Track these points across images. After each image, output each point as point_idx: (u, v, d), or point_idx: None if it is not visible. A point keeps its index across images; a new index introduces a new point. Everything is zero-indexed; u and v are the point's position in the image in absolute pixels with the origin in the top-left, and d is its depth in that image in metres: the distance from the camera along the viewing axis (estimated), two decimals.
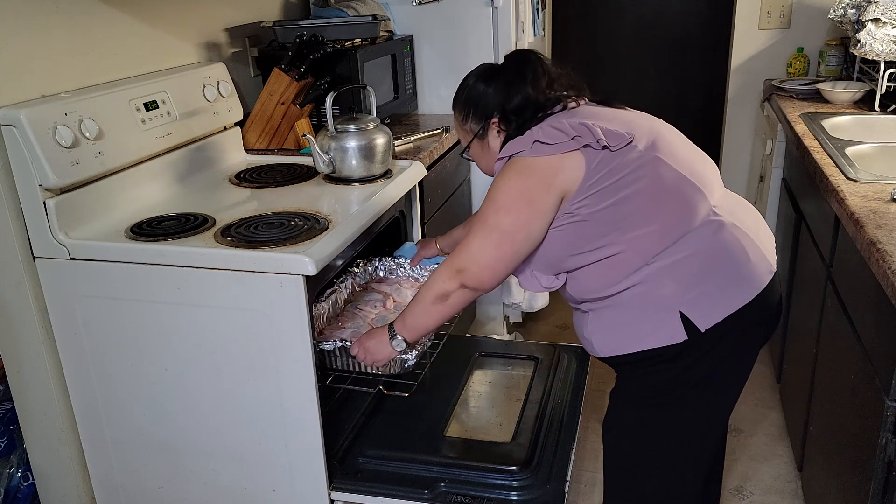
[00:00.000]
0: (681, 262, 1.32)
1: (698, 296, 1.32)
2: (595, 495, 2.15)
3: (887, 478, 1.35)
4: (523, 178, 1.33)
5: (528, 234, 1.34)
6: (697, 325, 1.31)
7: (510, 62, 1.47)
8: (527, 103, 1.41)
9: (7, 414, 1.78)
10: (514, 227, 1.33)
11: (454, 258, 1.39)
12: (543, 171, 1.32)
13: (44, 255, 1.57)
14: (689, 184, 1.34)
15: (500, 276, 1.37)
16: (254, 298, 1.47)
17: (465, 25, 2.64)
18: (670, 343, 1.33)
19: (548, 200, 1.32)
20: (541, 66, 1.46)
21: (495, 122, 1.44)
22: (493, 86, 1.44)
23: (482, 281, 1.38)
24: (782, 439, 2.35)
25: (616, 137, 1.32)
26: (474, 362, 1.97)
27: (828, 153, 2.00)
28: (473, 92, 1.47)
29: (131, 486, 1.75)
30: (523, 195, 1.32)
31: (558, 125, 1.34)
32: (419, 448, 1.63)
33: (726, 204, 1.41)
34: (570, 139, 1.31)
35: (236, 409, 1.58)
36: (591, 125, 1.32)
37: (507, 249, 1.34)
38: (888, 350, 1.32)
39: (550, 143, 1.31)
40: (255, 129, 2.21)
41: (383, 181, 1.90)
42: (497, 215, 1.34)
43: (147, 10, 1.92)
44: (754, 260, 1.35)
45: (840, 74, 3.00)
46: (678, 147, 1.40)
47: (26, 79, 1.58)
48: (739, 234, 1.35)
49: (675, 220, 1.32)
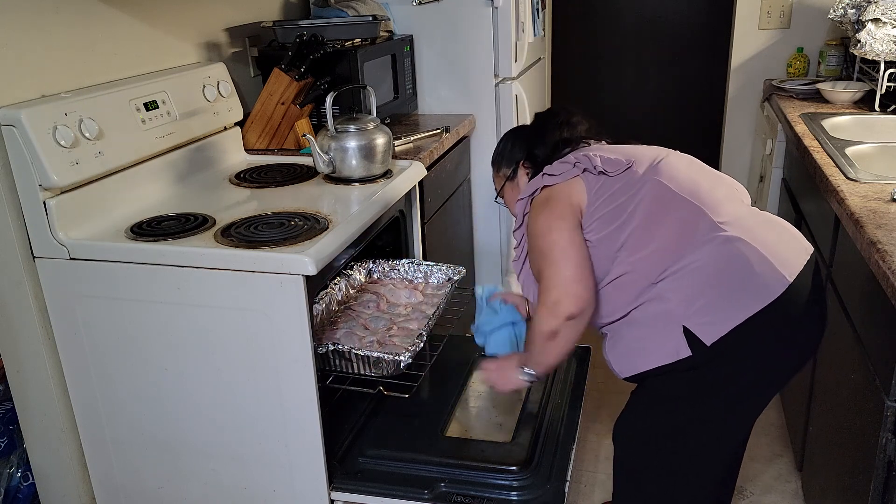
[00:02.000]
0: (683, 278, 1.34)
1: (700, 309, 1.33)
2: (595, 495, 2.15)
3: (887, 478, 1.35)
4: (548, 206, 1.44)
5: (580, 243, 1.41)
6: (702, 339, 1.32)
7: (538, 116, 1.68)
8: (549, 149, 1.56)
9: (7, 414, 1.78)
10: (567, 240, 1.40)
11: (543, 298, 1.42)
12: (560, 193, 1.45)
13: (44, 255, 1.57)
14: (687, 203, 1.38)
15: (589, 289, 1.39)
16: (254, 298, 1.47)
17: (465, 25, 2.64)
18: (675, 359, 1.34)
19: (572, 215, 1.42)
20: (564, 114, 1.64)
21: (523, 163, 1.61)
22: (522, 136, 1.65)
23: (578, 302, 1.38)
24: (782, 439, 2.35)
25: (614, 164, 1.44)
26: (474, 362, 1.97)
27: (828, 153, 2.00)
28: (505, 146, 1.68)
29: (131, 486, 1.75)
30: (555, 215, 1.43)
31: (565, 159, 1.49)
32: (419, 448, 1.63)
33: (740, 221, 1.40)
34: (571, 166, 1.46)
35: (236, 409, 1.58)
36: (592, 155, 1.46)
37: (577, 262, 1.39)
38: (888, 350, 1.32)
39: (556, 174, 1.46)
40: (255, 129, 2.21)
41: (383, 181, 1.90)
42: (548, 242, 1.41)
43: (147, 10, 1.92)
44: (761, 271, 1.34)
45: (840, 74, 3.00)
46: (681, 170, 1.46)
47: (26, 79, 1.58)
48: (745, 247, 1.35)
49: (673, 238, 1.36)
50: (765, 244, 1.37)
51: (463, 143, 2.69)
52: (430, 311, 1.82)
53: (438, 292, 1.95)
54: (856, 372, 1.52)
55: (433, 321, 1.76)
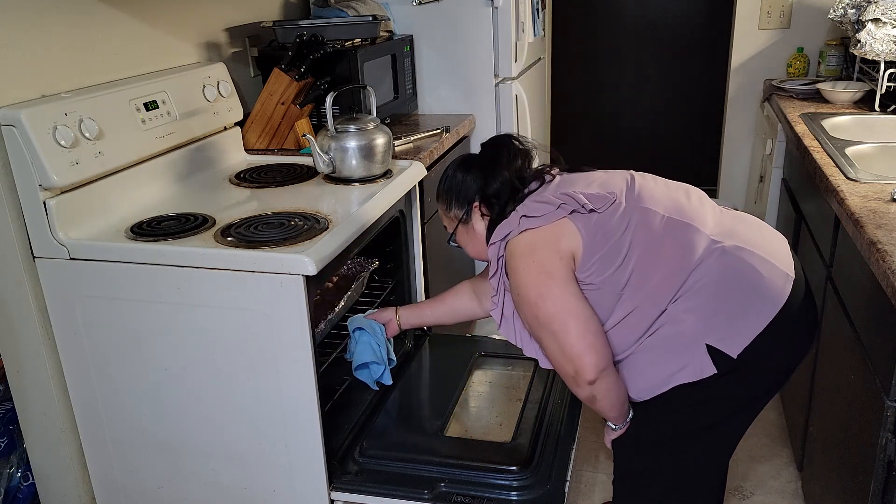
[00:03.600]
0: (694, 297, 1.32)
1: (719, 324, 1.32)
2: (595, 495, 2.15)
3: (887, 478, 1.35)
4: (531, 256, 1.33)
5: (576, 300, 1.32)
6: (728, 353, 1.31)
7: (486, 148, 1.50)
8: (504, 185, 1.44)
9: (7, 414, 1.78)
10: (563, 306, 1.31)
11: (559, 371, 1.36)
12: (545, 240, 1.33)
13: (44, 255, 1.57)
14: (678, 223, 1.35)
15: (602, 344, 1.32)
16: (254, 298, 1.47)
17: (465, 25, 2.64)
18: (700, 378, 1.33)
19: (562, 267, 1.32)
20: (514, 146, 1.49)
21: (477, 206, 1.46)
22: (471, 172, 1.47)
23: (596, 366, 1.31)
24: (782, 439, 2.35)
25: (599, 200, 1.35)
26: (474, 362, 1.97)
27: (828, 153, 2.00)
28: (453, 181, 1.49)
29: (131, 486, 1.75)
30: (541, 273, 1.31)
31: (541, 198, 1.37)
32: (419, 448, 1.63)
33: (725, 227, 1.40)
34: (556, 208, 1.34)
35: (236, 409, 1.58)
36: (573, 192, 1.36)
37: (579, 324, 1.31)
38: (888, 350, 1.32)
39: (538, 216, 1.34)
40: (255, 129, 2.21)
41: (383, 181, 1.90)
42: (544, 313, 1.31)
43: (147, 10, 1.92)
44: (768, 275, 1.34)
45: (840, 74, 3.00)
46: (657, 190, 1.41)
47: (26, 79, 1.58)
48: (745, 254, 1.35)
49: (675, 262, 1.33)
50: (759, 246, 1.37)
51: (463, 143, 2.69)
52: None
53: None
54: (856, 372, 1.52)
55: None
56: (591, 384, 1.32)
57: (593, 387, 1.33)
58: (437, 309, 1.80)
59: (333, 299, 1.85)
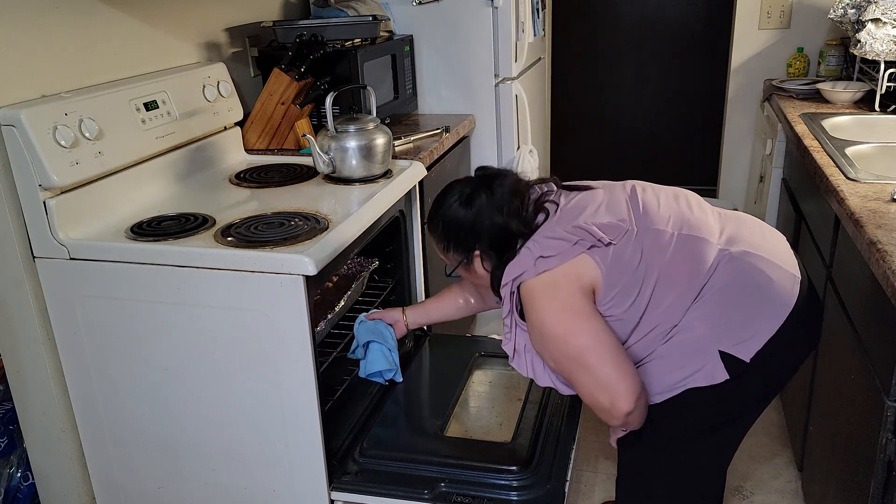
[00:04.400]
0: (705, 306, 1.33)
1: (732, 330, 1.32)
2: (595, 495, 2.15)
3: (887, 478, 1.35)
4: (552, 296, 1.29)
5: (604, 330, 1.29)
6: (741, 358, 1.32)
7: (482, 186, 1.40)
8: (509, 235, 1.37)
9: (7, 414, 1.78)
10: (595, 339, 1.28)
11: (594, 404, 1.31)
12: (565, 278, 1.29)
13: (44, 255, 1.57)
14: (688, 238, 1.34)
15: (632, 369, 1.30)
16: (254, 298, 1.47)
17: (465, 25, 2.64)
18: (712, 383, 1.33)
19: (586, 301, 1.29)
20: (514, 184, 1.41)
21: (478, 254, 1.41)
22: (470, 217, 1.39)
23: (631, 395, 1.28)
24: (782, 439, 2.35)
25: (614, 230, 1.31)
26: (474, 362, 1.97)
27: (828, 153, 2.00)
28: (452, 226, 1.42)
29: (131, 486, 1.75)
30: (566, 310, 1.28)
31: (554, 234, 1.32)
32: (419, 448, 1.63)
33: (730, 232, 1.40)
34: (572, 245, 1.29)
35: (236, 408, 1.58)
36: (587, 226, 1.31)
37: (611, 353, 1.28)
38: (888, 350, 1.32)
39: (554, 255, 1.29)
40: (255, 129, 2.21)
41: (383, 181, 1.90)
42: (574, 349, 1.28)
43: (147, 10, 1.92)
44: (777, 278, 1.34)
45: (840, 74, 3.00)
46: (658, 203, 1.40)
47: (26, 79, 1.58)
48: (753, 258, 1.35)
49: (689, 279, 1.32)
50: (765, 249, 1.37)
51: (463, 143, 2.69)
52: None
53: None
54: (856, 372, 1.52)
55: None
56: (629, 414, 1.29)
57: (631, 416, 1.30)
58: (442, 306, 1.80)
59: (333, 299, 1.85)
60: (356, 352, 1.80)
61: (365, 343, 1.78)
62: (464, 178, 1.46)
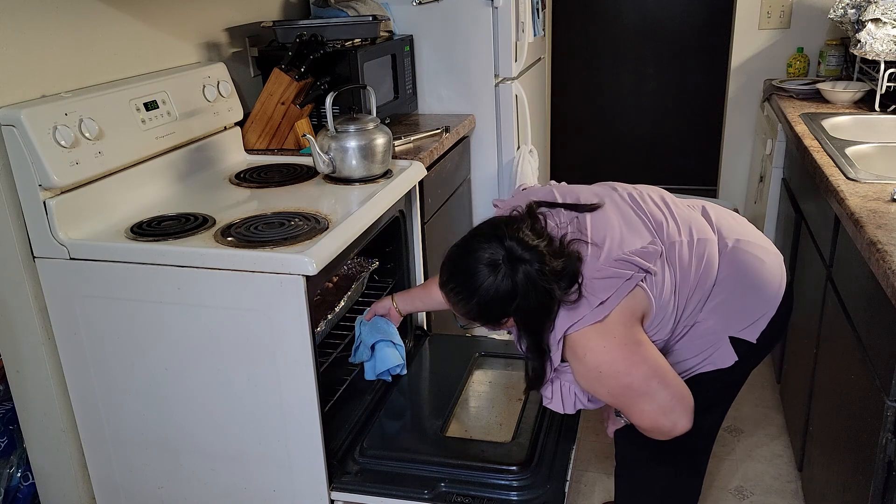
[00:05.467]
0: (714, 298, 1.38)
1: (739, 316, 1.38)
2: (595, 495, 2.15)
3: (887, 478, 1.35)
4: (609, 336, 1.26)
5: (658, 355, 1.30)
6: (749, 340, 1.38)
7: (514, 250, 1.24)
8: (551, 305, 1.27)
9: (7, 414, 1.78)
10: (651, 365, 1.28)
11: (655, 428, 1.30)
12: (621, 318, 1.27)
13: (44, 255, 1.57)
14: (698, 242, 1.38)
15: (685, 389, 1.31)
16: (254, 298, 1.47)
17: (465, 25, 2.64)
18: (721, 367, 1.40)
19: (640, 333, 1.29)
20: (537, 233, 1.28)
21: (511, 322, 1.32)
22: (512, 292, 1.25)
23: (687, 409, 1.30)
24: (782, 439, 2.35)
25: (652, 256, 1.30)
26: (474, 362, 1.97)
27: (828, 153, 2.00)
28: (491, 304, 1.27)
29: (131, 486, 1.75)
30: (625, 346, 1.26)
31: (602, 273, 1.27)
32: (419, 448, 1.63)
33: (719, 224, 1.44)
34: (625, 281, 1.26)
35: (236, 409, 1.58)
36: (631, 257, 1.28)
37: (669, 379, 1.29)
38: (888, 350, 1.32)
39: (611, 296, 1.25)
40: (255, 129, 2.21)
41: (383, 181, 1.90)
42: (635, 377, 1.27)
43: (147, 10, 1.92)
44: (769, 261, 1.42)
45: (840, 74, 3.00)
46: (661, 211, 1.40)
47: (26, 79, 1.58)
48: (746, 245, 1.41)
49: (703, 283, 1.37)
50: (746, 234, 1.44)
51: (463, 143, 2.69)
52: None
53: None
54: (856, 372, 1.52)
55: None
56: (686, 430, 1.30)
57: (681, 428, 1.31)
58: (426, 300, 1.79)
59: (333, 299, 1.86)
60: (359, 353, 1.80)
61: (371, 344, 1.79)
62: (481, 237, 1.29)
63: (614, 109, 4.65)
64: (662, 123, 4.58)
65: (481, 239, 1.28)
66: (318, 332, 1.61)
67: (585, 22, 4.50)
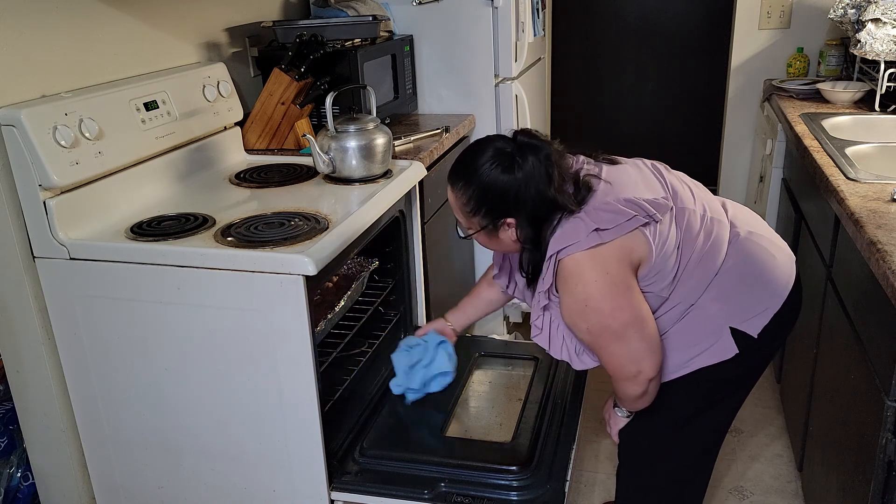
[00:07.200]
0: (719, 285, 1.38)
1: (741, 307, 1.38)
2: (595, 495, 2.15)
3: (887, 478, 1.35)
4: (603, 270, 1.27)
5: (644, 305, 1.32)
6: (750, 333, 1.38)
7: (526, 151, 1.30)
8: (554, 208, 1.30)
9: (7, 414, 1.78)
10: (637, 314, 1.30)
11: (620, 372, 1.35)
12: (617, 254, 1.27)
13: (44, 255, 1.57)
14: (711, 220, 1.40)
15: (659, 345, 1.35)
16: (254, 298, 1.47)
17: (465, 25, 2.64)
18: (722, 359, 1.39)
19: (633, 278, 1.31)
20: (558, 154, 1.34)
21: (512, 223, 1.33)
22: (514, 183, 1.29)
23: (656, 365, 1.34)
24: (782, 439, 2.35)
25: (662, 207, 1.32)
26: (474, 362, 1.97)
27: (828, 153, 2.00)
28: (489, 190, 1.30)
29: (131, 486, 1.75)
30: (616, 286, 1.27)
31: (607, 207, 1.29)
32: (419, 448, 1.63)
33: (734, 214, 1.46)
34: (627, 220, 1.27)
35: (236, 409, 1.58)
36: (638, 200, 1.29)
37: (647, 331, 1.32)
38: (888, 350, 1.32)
39: (610, 228, 1.26)
40: (255, 129, 2.21)
41: (383, 181, 1.90)
42: (617, 319, 1.29)
43: (147, 10, 1.92)
44: (779, 257, 1.42)
45: (840, 74, 3.00)
46: (684, 185, 1.44)
47: (26, 79, 1.58)
48: (758, 238, 1.42)
49: (709, 261, 1.37)
50: (760, 228, 1.45)
51: (463, 143, 2.69)
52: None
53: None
54: (856, 372, 1.52)
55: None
56: (651, 381, 1.34)
57: (651, 383, 1.35)
58: (478, 305, 1.80)
59: (333, 299, 1.85)
60: (403, 381, 1.77)
61: (414, 363, 1.77)
62: (497, 137, 1.34)
63: (614, 109, 4.65)
64: (662, 123, 4.58)
65: (502, 140, 1.34)
66: (318, 332, 1.61)
67: (585, 22, 4.50)
